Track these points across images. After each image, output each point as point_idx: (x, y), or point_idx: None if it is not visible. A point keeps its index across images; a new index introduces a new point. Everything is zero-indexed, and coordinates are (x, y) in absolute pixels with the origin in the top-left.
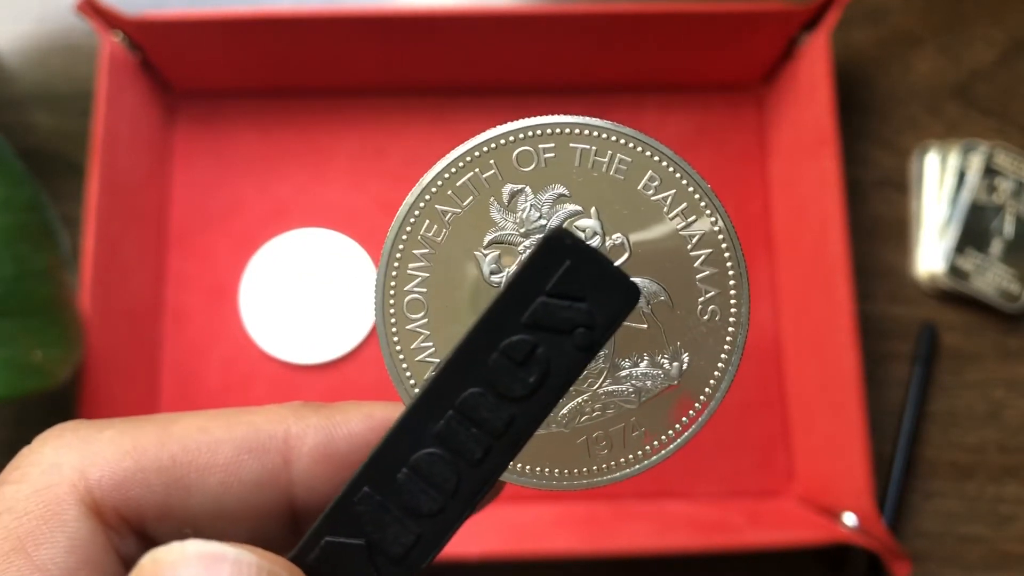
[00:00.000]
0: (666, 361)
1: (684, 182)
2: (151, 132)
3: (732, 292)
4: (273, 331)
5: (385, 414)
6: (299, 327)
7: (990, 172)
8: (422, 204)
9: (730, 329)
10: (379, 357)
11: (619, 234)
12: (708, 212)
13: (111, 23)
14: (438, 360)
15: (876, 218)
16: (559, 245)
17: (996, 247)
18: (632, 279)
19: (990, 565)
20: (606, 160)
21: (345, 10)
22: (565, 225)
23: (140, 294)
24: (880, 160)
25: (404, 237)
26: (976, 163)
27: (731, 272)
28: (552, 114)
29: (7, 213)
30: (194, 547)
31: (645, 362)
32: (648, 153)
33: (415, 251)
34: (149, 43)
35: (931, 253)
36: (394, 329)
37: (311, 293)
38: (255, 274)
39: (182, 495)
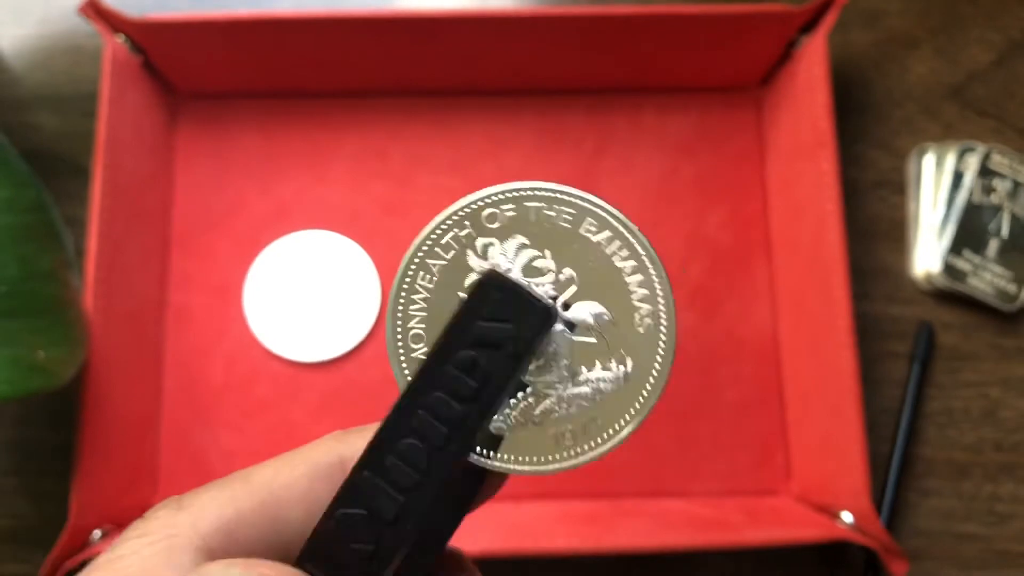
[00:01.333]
0: (614, 365)
1: (616, 224)
2: (154, 133)
3: (661, 305)
4: (276, 330)
5: None
6: (301, 326)
7: (987, 173)
8: (416, 260)
9: (662, 336)
10: (377, 355)
11: (568, 269)
12: (634, 244)
13: (114, 25)
14: None
15: (873, 219)
16: (489, 282)
17: (993, 247)
18: (585, 312)
19: (987, 563)
20: (554, 213)
21: (346, 12)
22: (522, 266)
23: (143, 294)
24: (877, 161)
25: (405, 287)
26: (973, 164)
27: (659, 291)
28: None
29: (11, 214)
30: (214, 569)
31: (598, 368)
32: (586, 204)
33: (413, 296)
34: (152, 45)
35: (928, 253)
36: (402, 357)
37: (313, 293)
38: (259, 274)
39: (276, 528)
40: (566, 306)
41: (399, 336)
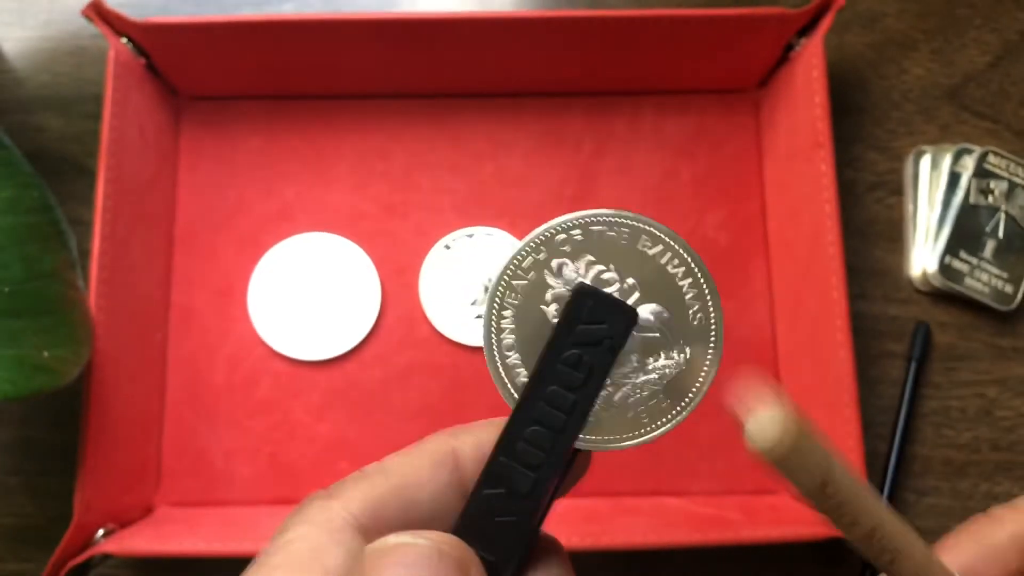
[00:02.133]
0: (675, 353)
1: (666, 238)
2: (158, 135)
3: (708, 301)
4: (279, 329)
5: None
6: (304, 325)
7: (983, 174)
8: (503, 282)
9: (712, 326)
10: (378, 354)
11: (631, 278)
12: (683, 253)
13: (117, 28)
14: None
15: (871, 219)
16: (583, 293)
17: (989, 248)
18: (635, 305)
19: None
20: (615, 234)
21: (348, 15)
22: (592, 279)
23: (147, 294)
24: (875, 162)
25: (496, 303)
26: (969, 165)
27: (705, 290)
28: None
29: (16, 214)
30: (393, 539)
31: (663, 357)
32: (640, 225)
33: (504, 312)
34: (155, 47)
35: (925, 254)
36: (498, 363)
37: (316, 293)
38: (263, 275)
39: (409, 509)
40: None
41: (495, 349)
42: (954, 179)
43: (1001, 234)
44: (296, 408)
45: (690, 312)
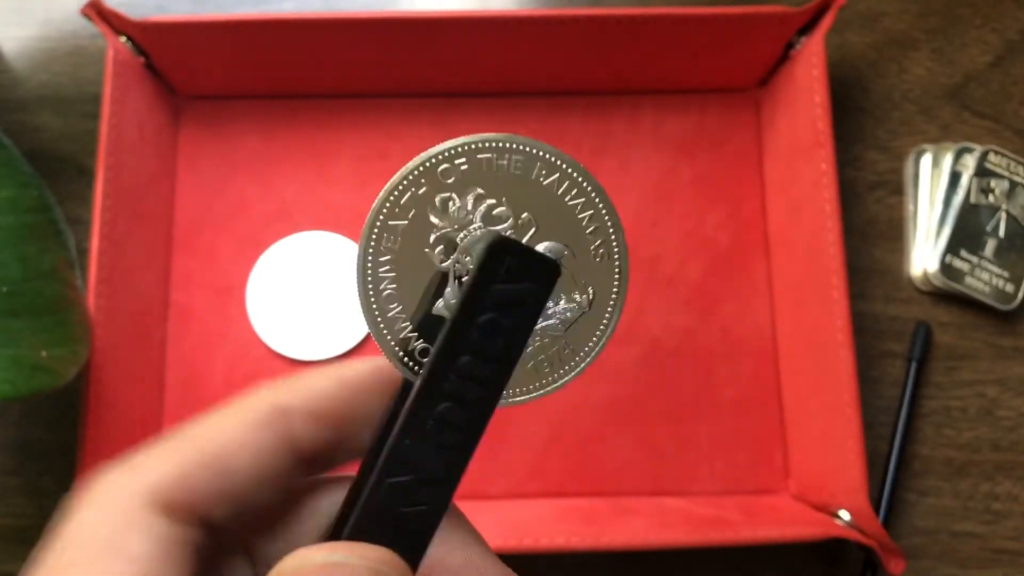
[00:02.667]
0: (577, 295)
1: (563, 166)
2: (156, 134)
3: (612, 235)
4: (277, 328)
5: (350, 371)
6: (303, 325)
7: (984, 173)
8: (378, 223)
9: (616, 262)
10: (377, 354)
11: (526, 213)
12: (582, 182)
13: (116, 27)
14: (415, 334)
15: (871, 219)
16: (500, 247)
17: (990, 247)
18: (545, 250)
19: (984, 562)
20: (506, 162)
21: (347, 14)
22: (482, 215)
23: (146, 293)
24: (875, 162)
25: (371, 250)
26: (970, 165)
27: (608, 222)
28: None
29: (14, 214)
30: (319, 556)
31: (563, 300)
32: (534, 151)
33: (381, 259)
34: (154, 46)
35: (925, 253)
36: (378, 317)
37: (314, 293)
38: (262, 274)
39: (226, 477)
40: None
41: (372, 298)
42: (955, 178)
43: (1002, 233)
44: None
45: (591, 248)
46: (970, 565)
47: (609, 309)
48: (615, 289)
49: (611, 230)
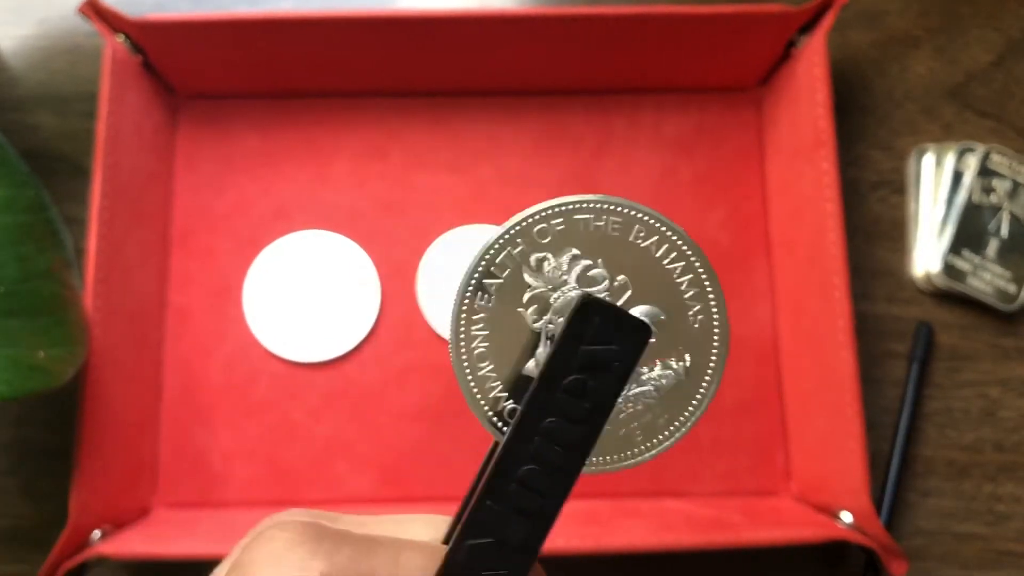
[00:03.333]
0: (673, 362)
1: (663, 229)
2: (154, 133)
3: (711, 300)
4: (275, 329)
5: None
6: (301, 326)
7: (986, 173)
8: (472, 281)
9: (715, 330)
10: (377, 355)
11: (622, 275)
12: (681, 245)
13: (114, 25)
14: (506, 395)
15: (873, 219)
16: (588, 307)
17: (992, 247)
18: (640, 314)
19: (986, 563)
20: (603, 224)
21: (346, 13)
22: (577, 276)
23: (143, 293)
24: (877, 161)
25: (464, 307)
26: (972, 164)
27: (708, 287)
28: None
29: (11, 214)
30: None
31: (659, 366)
32: (634, 213)
33: (474, 317)
34: (151, 45)
35: (928, 253)
36: (469, 376)
37: (313, 293)
38: (258, 274)
39: None
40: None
41: (464, 357)
42: (957, 178)
43: (1004, 233)
44: (294, 409)
45: (689, 314)
46: (972, 566)
47: (708, 377)
48: (713, 356)
49: (711, 296)
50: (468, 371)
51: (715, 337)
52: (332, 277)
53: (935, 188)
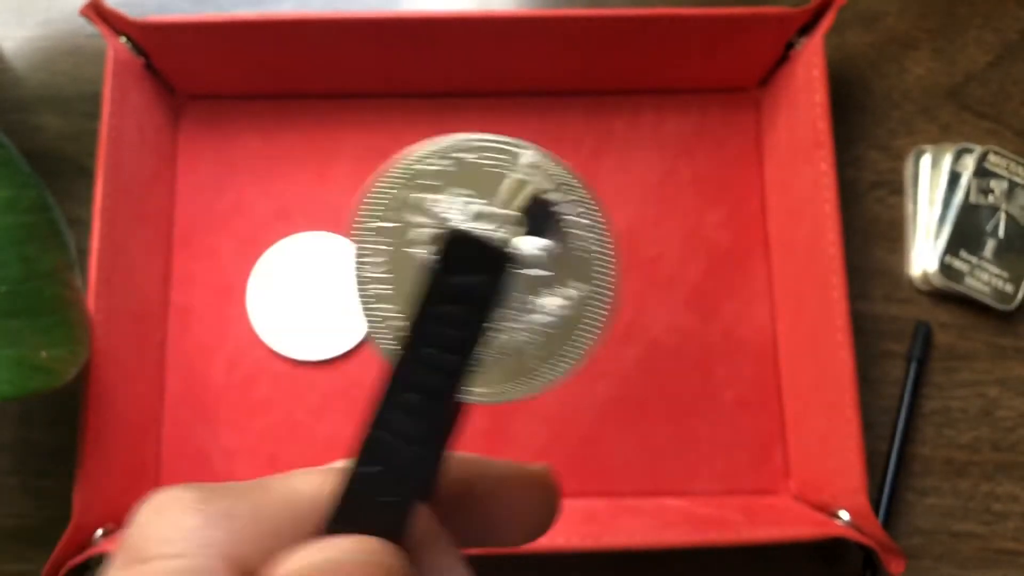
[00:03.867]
0: (563, 290)
1: (549, 163)
2: (156, 134)
3: (597, 230)
4: (278, 328)
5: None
6: (303, 325)
7: (983, 174)
8: (362, 224)
9: (602, 257)
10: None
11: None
12: (569, 179)
13: (116, 27)
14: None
15: (871, 219)
16: (453, 240)
17: (989, 248)
18: (531, 247)
19: (984, 562)
20: (487, 162)
21: (347, 14)
22: (468, 212)
23: (145, 293)
24: (875, 162)
25: (364, 250)
26: (970, 165)
27: (594, 217)
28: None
29: (14, 214)
30: (318, 554)
31: (552, 295)
32: (515, 149)
33: (374, 259)
34: (154, 46)
35: (925, 253)
36: (374, 316)
37: (314, 293)
38: (262, 274)
39: (294, 537)
40: (511, 244)
41: (368, 298)
42: (954, 179)
43: (1001, 234)
44: (297, 408)
45: (577, 243)
46: (970, 566)
47: (598, 302)
48: (603, 281)
49: (596, 225)
50: (377, 315)
51: (602, 264)
52: (333, 277)
53: (933, 188)
